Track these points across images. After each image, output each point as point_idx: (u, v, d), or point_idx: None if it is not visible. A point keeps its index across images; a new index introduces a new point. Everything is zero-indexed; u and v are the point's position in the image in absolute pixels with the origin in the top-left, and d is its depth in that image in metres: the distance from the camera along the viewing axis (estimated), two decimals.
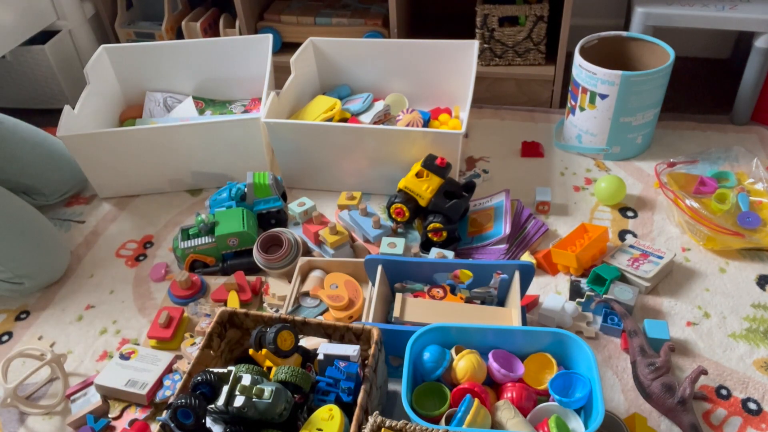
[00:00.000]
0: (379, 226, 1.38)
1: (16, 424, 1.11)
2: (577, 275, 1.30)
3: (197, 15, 2.03)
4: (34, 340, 1.27)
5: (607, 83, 1.48)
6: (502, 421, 0.91)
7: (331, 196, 1.55)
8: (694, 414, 1.01)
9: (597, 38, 1.61)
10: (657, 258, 1.27)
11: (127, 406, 1.12)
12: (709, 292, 1.25)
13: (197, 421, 0.86)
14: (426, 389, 0.97)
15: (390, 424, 0.83)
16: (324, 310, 1.22)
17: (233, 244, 1.34)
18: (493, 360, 0.96)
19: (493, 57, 1.81)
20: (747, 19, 1.54)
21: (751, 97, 1.65)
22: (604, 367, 1.12)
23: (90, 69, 1.67)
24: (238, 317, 1.04)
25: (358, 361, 0.95)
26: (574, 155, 1.65)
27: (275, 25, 1.97)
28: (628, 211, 1.46)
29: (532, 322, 1.21)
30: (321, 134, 1.47)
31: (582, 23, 1.96)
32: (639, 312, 1.22)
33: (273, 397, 0.85)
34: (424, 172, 1.36)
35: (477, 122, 1.80)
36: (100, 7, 2.03)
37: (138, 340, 1.25)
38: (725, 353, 1.13)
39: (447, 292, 1.14)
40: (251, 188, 1.40)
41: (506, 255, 1.32)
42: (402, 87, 1.78)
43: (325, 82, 1.83)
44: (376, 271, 1.14)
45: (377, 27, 1.91)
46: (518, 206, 1.44)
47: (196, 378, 0.89)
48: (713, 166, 1.44)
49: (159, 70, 1.82)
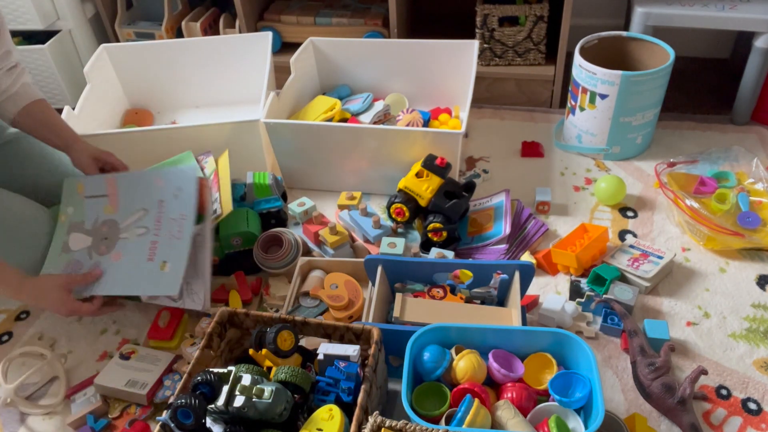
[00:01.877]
0: (379, 226, 1.38)
1: (16, 424, 1.11)
2: (577, 275, 1.30)
3: (197, 15, 2.03)
4: (34, 340, 1.27)
5: (607, 83, 1.48)
6: (502, 421, 0.91)
7: (331, 196, 1.55)
8: (694, 414, 1.01)
9: (597, 38, 1.61)
10: (657, 258, 1.27)
11: (127, 406, 1.12)
12: (709, 292, 1.25)
13: (197, 421, 0.86)
14: (426, 389, 0.97)
15: (390, 424, 0.83)
16: (324, 310, 1.22)
17: (237, 244, 1.34)
18: (493, 360, 0.96)
19: (493, 57, 1.81)
20: (747, 19, 1.54)
21: (751, 97, 1.65)
22: (604, 367, 1.12)
23: (90, 69, 1.68)
24: (238, 317, 1.04)
25: (358, 361, 0.95)
26: (574, 155, 1.65)
27: (275, 25, 1.97)
28: (628, 211, 1.46)
29: (532, 322, 1.21)
30: (321, 134, 1.47)
31: (582, 23, 1.96)
32: (639, 312, 1.22)
33: (273, 397, 0.86)
34: (424, 172, 1.36)
35: (477, 122, 1.80)
36: (100, 7, 2.03)
37: (138, 340, 1.25)
38: (725, 353, 1.13)
39: (447, 292, 1.14)
40: (251, 188, 1.40)
41: (506, 255, 1.32)
42: (402, 87, 1.78)
43: (325, 82, 1.83)
44: (376, 271, 1.14)
45: (377, 27, 1.91)
46: (518, 206, 1.44)
47: (196, 378, 0.89)
48: (713, 166, 1.44)
49: (159, 70, 1.82)
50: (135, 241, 1.20)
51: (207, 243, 1.20)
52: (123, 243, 1.21)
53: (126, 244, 1.21)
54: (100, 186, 1.28)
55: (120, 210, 1.25)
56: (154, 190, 1.24)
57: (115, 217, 1.24)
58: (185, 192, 1.21)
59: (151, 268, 1.17)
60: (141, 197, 1.24)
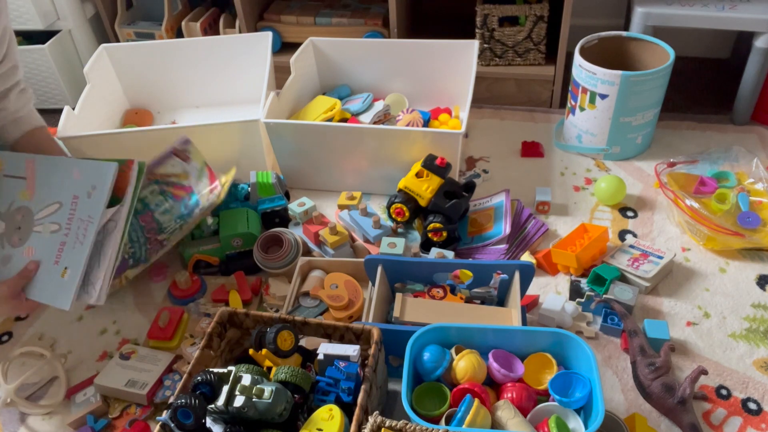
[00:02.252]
0: (379, 226, 1.38)
1: (16, 424, 1.11)
2: (577, 275, 1.30)
3: (197, 15, 2.03)
4: (34, 340, 1.27)
5: (607, 83, 1.48)
6: (502, 421, 0.91)
7: (331, 196, 1.55)
8: (694, 414, 1.01)
9: (597, 38, 1.61)
10: (657, 258, 1.27)
11: (127, 406, 1.12)
12: (709, 292, 1.25)
13: (197, 421, 0.86)
14: (426, 389, 0.97)
15: (390, 424, 0.83)
16: (324, 310, 1.22)
17: (237, 245, 1.34)
18: (493, 360, 0.96)
19: (493, 57, 1.81)
20: (747, 19, 1.54)
21: (751, 97, 1.65)
22: (604, 367, 1.12)
23: (90, 69, 1.67)
24: (238, 317, 1.04)
25: (358, 361, 0.95)
26: (574, 155, 1.65)
27: (275, 25, 1.97)
28: (628, 211, 1.46)
29: (532, 322, 1.21)
30: (321, 134, 1.47)
31: (582, 23, 1.96)
32: (639, 312, 1.22)
33: (273, 397, 0.86)
34: (424, 172, 1.36)
35: (477, 122, 1.80)
36: (100, 7, 2.03)
37: (138, 340, 1.25)
38: (725, 353, 1.13)
39: (447, 292, 1.14)
40: (255, 188, 1.40)
41: (506, 255, 1.32)
42: (402, 87, 1.78)
43: (325, 82, 1.83)
44: (376, 271, 1.14)
45: (377, 27, 1.91)
46: (518, 206, 1.44)
47: (196, 378, 0.89)
48: (713, 166, 1.44)
49: (159, 70, 1.82)
50: (48, 238, 1.10)
51: (118, 230, 1.09)
52: (36, 237, 1.12)
53: (39, 239, 1.11)
54: (19, 166, 1.17)
55: (35, 198, 1.14)
56: (70, 182, 1.12)
57: (30, 205, 1.14)
58: (98, 192, 1.08)
59: (54, 272, 1.08)
60: (57, 188, 1.13)
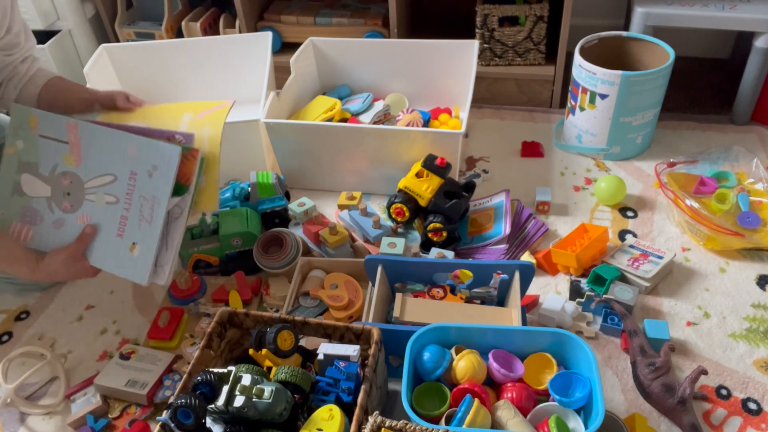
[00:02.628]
0: (379, 226, 1.38)
1: (16, 424, 1.11)
2: (577, 275, 1.30)
3: (197, 15, 2.03)
4: (34, 340, 1.27)
5: (607, 83, 1.48)
6: (502, 421, 0.91)
7: (331, 196, 1.55)
8: (694, 414, 1.01)
9: (597, 38, 1.61)
10: (657, 258, 1.27)
11: (127, 406, 1.12)
12: (709, 292, 1.25)
13: (197, 421, 0.86)
14: (426, 389, 0.97)
15: (390, 424, 0.83)
16: (324, 310, 1.22)
17: (237, 244, 1.34)
18: (493, 360, 0.96)
19: (493, 57, 1.81)
20: (747, 19, 1.54)
21: (751, 97, 1.65)
22: (604, 367, 1.12)
23: (90, 69, 1.67)
24: (238, 317, 1.04)
25: (358, 361, 0.95)
26: (574, 155, 1.65)
27: (275, 25, 1.97)
28: (628, 211, 1.46)
29: (532, 322, 1.21)
30: (321, 134, 1.47)
31: (582, 23, 1.96)
32: (639, 312, 1.22)
33: (273, 397, 0.86)
34: (424, 172, 1.36)
35: (477, 122, 1.80)
36: (100, 7, 2.03)
37: (138, 340, 1.25)
38: (725, 353, 1.13)
39: (447, 292, 1.14)
40: (255, 188, 1.40)
41: (506, 255, 1.32)
42: (402, 87, 1.78)
43: (325, 82, 1.83)
44: (376, 271, 1.14)
45: (377, 27, 1.91)
46: (518, 206, 1.44)
47: (196, 378, 0.89)
48: (713, 166, 1.44)
49: (159, 70, 1.82)
50: (104, 209, 1.08)
51: (184, 217, 1.09)
52: (90, 206, 1.10)
53: (94, 208, 1.09)
54: (59, 129, 1.12)
55: (83, 165, 1.11)
56: (124, 156, 1.08)
57: (78, 172, 1.11)
58: (160, 172, 1.06)
59: (120, 245, 1.07)
60: (110, 160, 1.09)
